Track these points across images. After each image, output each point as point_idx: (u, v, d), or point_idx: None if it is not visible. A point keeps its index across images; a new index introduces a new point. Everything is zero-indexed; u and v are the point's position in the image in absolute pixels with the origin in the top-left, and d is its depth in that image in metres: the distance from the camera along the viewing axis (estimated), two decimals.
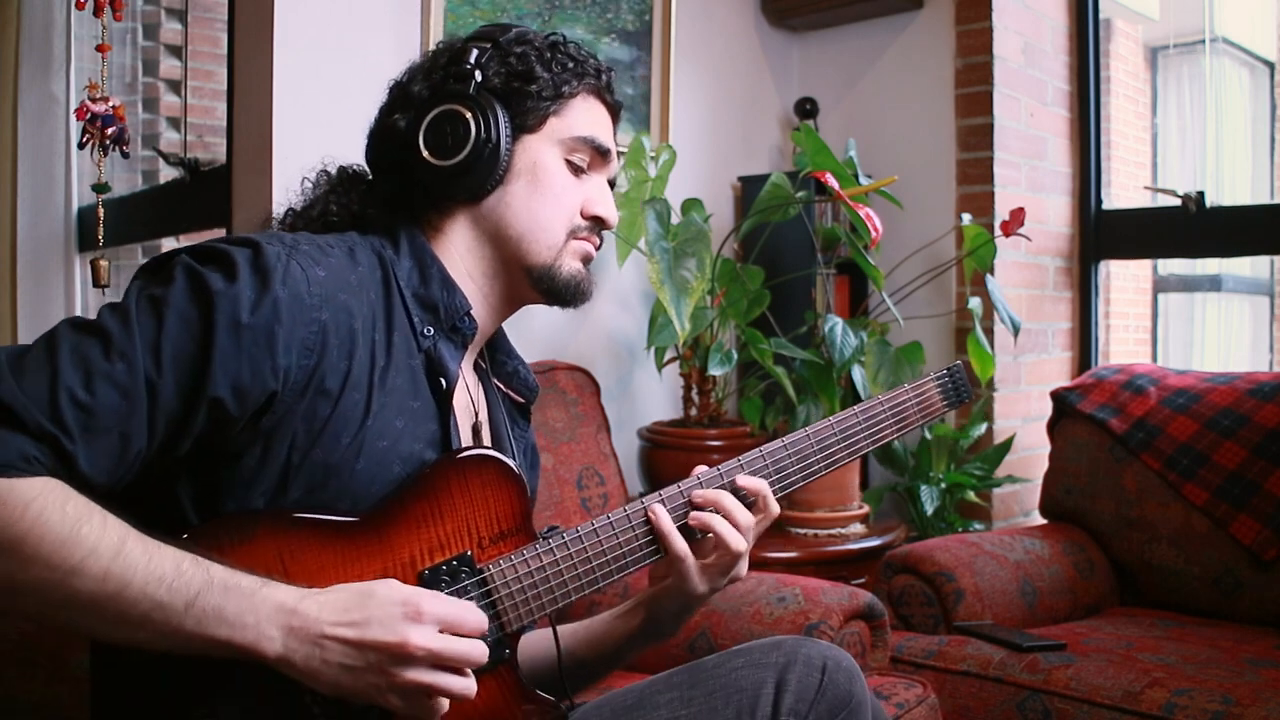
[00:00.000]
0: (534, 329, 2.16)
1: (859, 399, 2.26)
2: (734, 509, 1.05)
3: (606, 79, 1.12)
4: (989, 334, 2.44)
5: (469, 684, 0.88)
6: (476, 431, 1.10)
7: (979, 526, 2.51)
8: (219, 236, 0.96)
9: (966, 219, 2.44)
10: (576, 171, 1.09)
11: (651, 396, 2.50)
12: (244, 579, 0.84)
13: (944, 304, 2.63)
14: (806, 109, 2.79)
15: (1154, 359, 3.66)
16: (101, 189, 2.11)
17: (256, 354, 0.87)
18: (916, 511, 2.46)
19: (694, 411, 2.32)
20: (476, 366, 1.16)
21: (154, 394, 0.85)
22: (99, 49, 2.08)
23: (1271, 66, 3.73)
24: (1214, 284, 3.64)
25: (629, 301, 2.45)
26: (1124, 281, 3.62)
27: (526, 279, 1.08)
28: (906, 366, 2.27)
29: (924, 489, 2.42)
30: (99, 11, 2.02)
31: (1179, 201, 2.52)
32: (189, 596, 0.81)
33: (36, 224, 2.71)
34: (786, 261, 2.50)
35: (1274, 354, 3.72)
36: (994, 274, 2.43)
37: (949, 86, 2.65)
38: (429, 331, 1.02)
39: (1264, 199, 3.60)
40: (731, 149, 2.73)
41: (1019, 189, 2.64)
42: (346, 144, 1.17)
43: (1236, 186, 3.56)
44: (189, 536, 0.86)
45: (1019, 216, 2.26)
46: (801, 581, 1.66)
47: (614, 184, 1.16)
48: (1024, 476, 2.58)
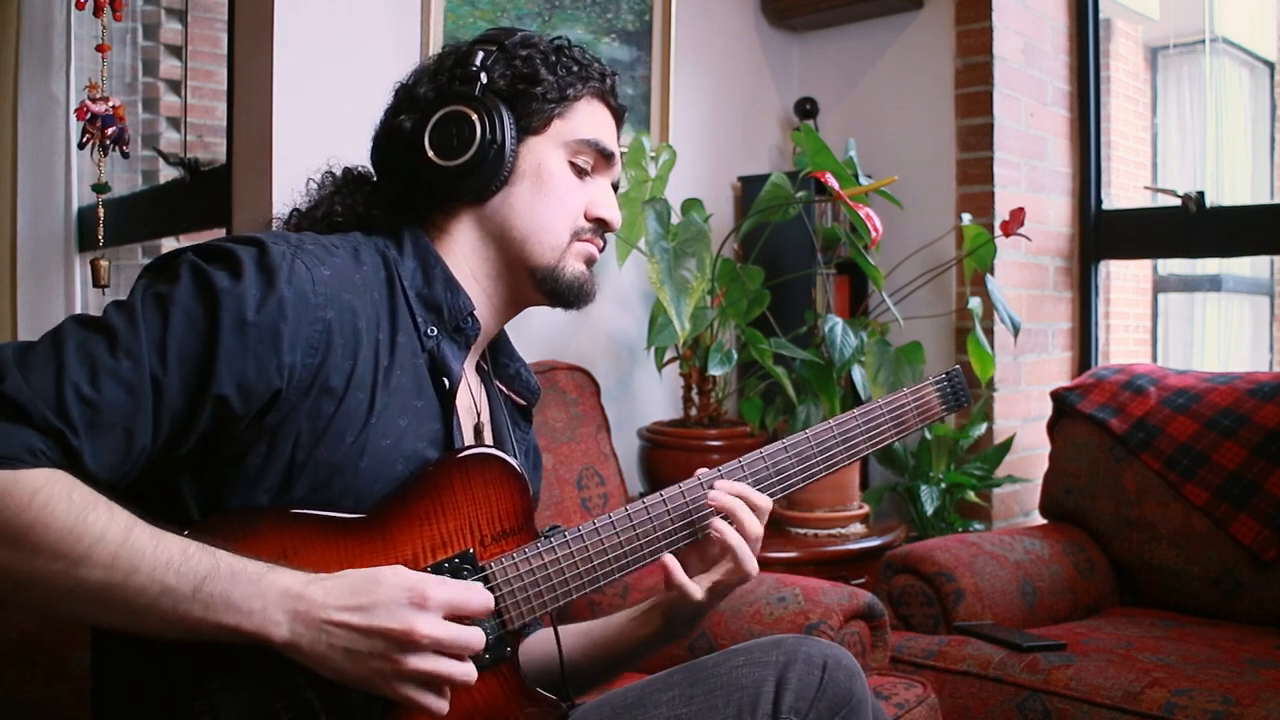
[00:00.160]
0: (534, 329, 2.16)
1: (859, 399, 2.26)
2: (740, 514, 1.05)
3: (610, 82, 1.13)
4: (989, 334, 2.44)
5: (470, 670, 0.89)
6: (479, 432, 1.11)
7: (979, 526, 2.51)
8: (223, 235, 0.96)
9: (966, 219, 2.44)
10: (580, 174, 1.10)
11: (651, 396, 2.50)
12: (250, 564, 0.85)
13: (944, 304, 2.63)
14: (806, 109, 2.79)
15: (1154, 359, 3.66)
16: (101, 189, 2.11)
17: (261, 352, 0.88)
18: (916, 511, 2.46)
19: (694, 411, 2.32)
20: (478, 368, 1.16)
21: (159, 391, 0.85)
22: (99, 49, 2.08)
23: (1271, 66, 3.73)
24: (1214, 284, 3.63)
25: (629, 301, 2.45)
26: (1124, 281, 3.62)
27: (530, 280, 1.09)
28: (906, 366, 2.27)
29: (924, 489, 2.42)
30: (99, 11, 2.02)
31: (1179, 201, 2.52)
32: (196, 581, 0.82)
33: (36, 224, 2.71)
34: (786, 261, 2.50)
35: (1274, 354, 3.72)
36: (994, 274, 2.42)
37: (949, 86, 2.65)
38: (432, 332, 1.02)
39: (1264, 199, 3.60)
40: (731, 149, 2.73)
41: (1019, 189, 2.64)
42: (347, 144, 1.17)
43: (1236, 186, 3.56)
44: (190, 532, 0.86)
45: (1019, 216, 2.26)
46: (801, 581, 1.66)
47: (617, 187, 1.17)
48: (1024, 476, 2.58)
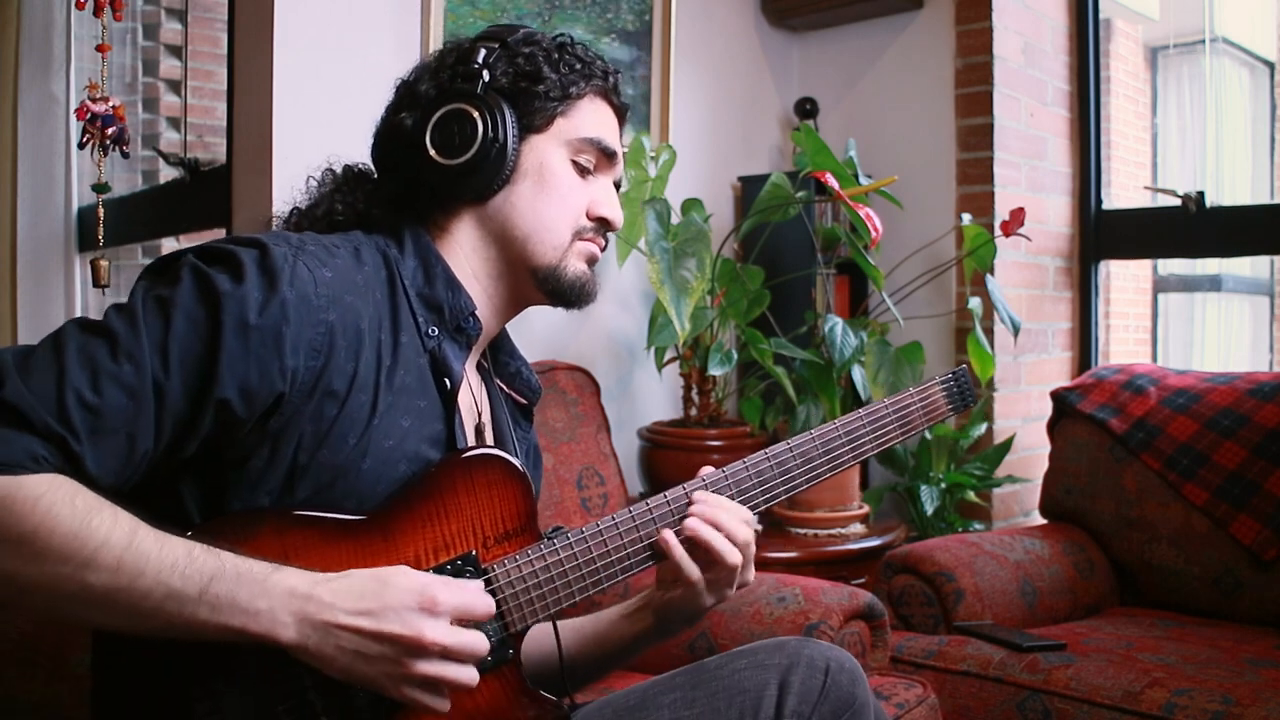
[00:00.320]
0: (534, 329, 2.16)
1: (859, 399, 2.26)
2: (726, 525, 1.03)
3: (613, 80, 1.12)
4: (989, 334, 2.44)
5: (473, 674, 0.89)
6: (480, 432, 1.10)
7: (979, 526, 2.51)
8: (224, 236, 0.95)
9: (966, 219, 2.44)
10: (582, 173, 1.09)
11: (651, 396, 2.50)
12: (256, 565, 0.84)
13: (944, 304, 2.63)
14: (806, 109, 2.79)
15: (1154, 359, 3.66)
16: (101, 189, 2.11)
17: (264, 355, 0.87)
18: (916, 511, 2.46)
19: (694, 411, 2.32)
20: (479, 367, 1.15)
21: (161, 395, 0.85)
22: (99, 49, 2.08)
23: (1271, 66, 3.73)
24: (1214, 284, 3.63)
25: (629, 301, 2.45)
26: (1124, 281, 3.62)
27: (531, 280, 1.08)
28: (906, 366, 2.27)
29: (924, 489, 2.42)
30: (99, 11, 2.02)
31: (1179, 201, 2.52)
32: (202, 583, 0.82)
33: (36, 224, 2.71)
34: (786, 261, 2.50)
35: (1274, 354, 3.72)
36: (994, 274, 2.42)
37: (949, 86, 2.65)
38: (433, 332, 1.02)
39: (1264, 199, 3.60)
40: (731, 149, 2.72)
41: (1019, 189, 2.64)
42: (347, 144, 1.17)
43: (1236, 186, 3.55)
44: (192, 535, 0.86)
45: (1019, 216, 2.26)
46: (801, 581, 1.66)
47: (619, 185, 1.16)
48: (1024, 476, 2.58)
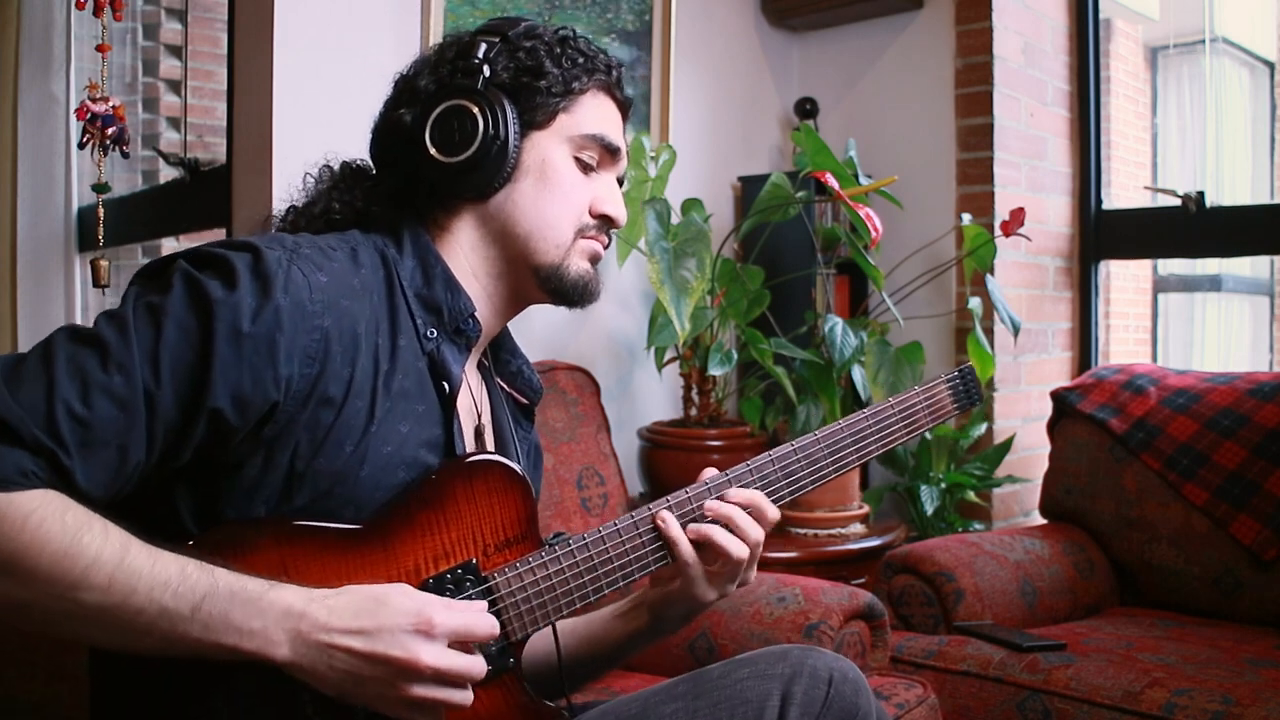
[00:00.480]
0: (534, 329, 2.16)
1: (859, 399, 2.26)
2: (739, 521, 1.03)
3: (617, 75, 1.10)
4: (989, 334, 2.44)
5: (467, 696, 0.88)
6: (479, 434, 1.08)
7: (979, 526, 2.51)
8: (217, 240, 0.94)
9: (966, 219, 2.44)
10: (585, 169, 1.07)
11: (651, 396, 2.50)
12: (250, 582, 0.83)
13: (944, 304, 2.63)
14: (806, 109, 2.79)
15: (1154, 359, 3.66)
16: (101, 189, 2.11)
17: (258, 364, 0.86)
18: (916, 511, 2.46)
19: (694, 411, 2.32)
20: (479, 365, 1.13)
21: (152, 406, 0.83)
22: (99, 49, 2.09)
23: (1271, 66, 3.73)
24: (1214, 284, 3.63)
25: (629, 301, 2.45)
26: (1124, 281, 3.62)
27: (533, 279, 1.06)
28: (906, 366, 2.27)
29: (924, 489, 2.42)
30: (99, 11, 2.02)
31: (1179, 201, 2.52)
32: (195, 601, 0.80)
33: (36, 224, 2.70)
34: (786, 261, 2.50)
35: (1274, 354, 3.72)
36: (994, 274, 2.42)
37: (949, 86, 2.65)
38: (432, 334, 1.00)
39: (1264, 199, 3.60)
40: (731, 149, 2.72)
41: (1019, 189, 2.64)
42: (347, 144, 1.17)
43: (1236, 186, 3.56)
44: (189, 547, 0.85)
45: (1019, 216, 2.26)
46: (801, 581, 1.66)
47: (622, 181, 1.13)
48: (1024, 476, 2.58)
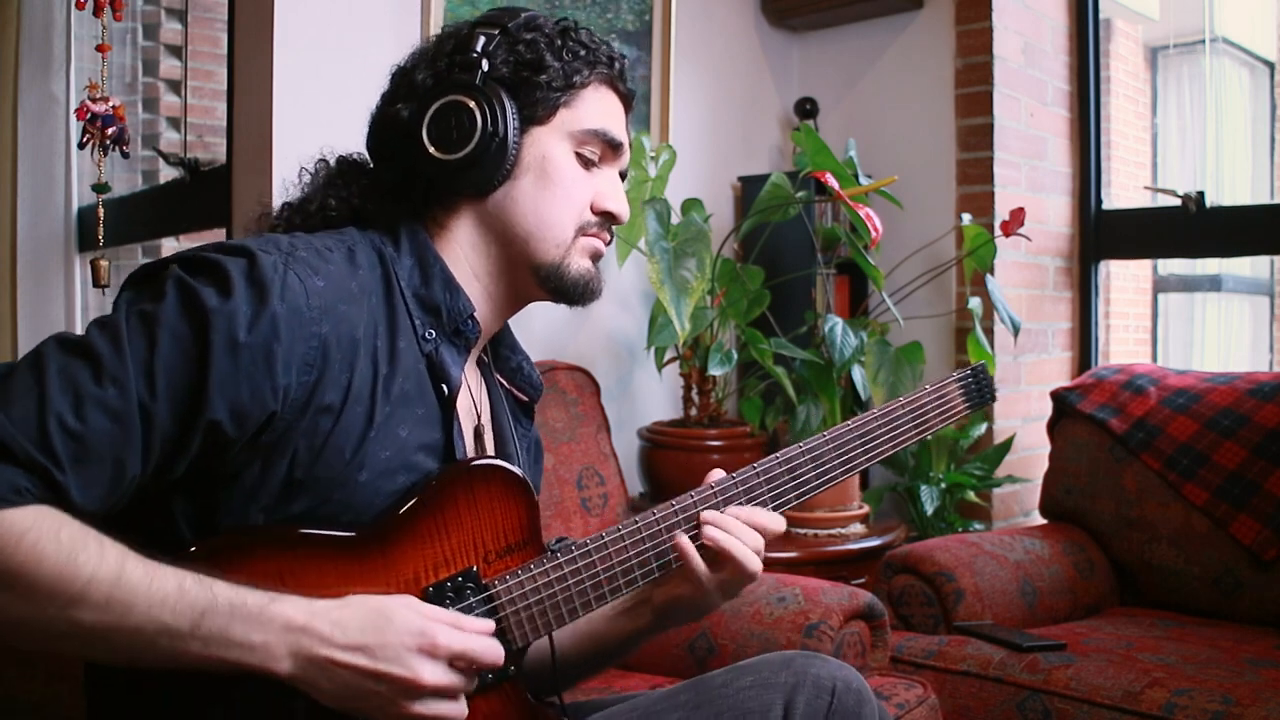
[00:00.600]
0: (534, 329, 2.16)
1: (859, 399, 2.27)
2: (745, 533, 1.01)
3: (619, 67, 1.06)
4: (989, 334, 2.44)
5: (462, 709, 0.88)
6: (479, 434, 1.07)
7: (979, 526, 2.51)
8: (211, 243, 0.92)
9: (966, 219, 2.44)
10: (587, 165, 1.04)
11: (651, 396, 2.50)
12: (250, 595, 0.82)
13: (944, 304, 2.63)
14: (806, 109, 2.79)
15: (1154, 359, 3.66)
16: (101, 189, 2.11)
17: (255, 374, 0.84)
18: (916, 511, 2.46)
19: (694, 411, 2.32)
20: (479, 361, 1.11)
21: (148, 419, 0.81)
22: (99, 49, 2.09)
23: (1271, 66, 3.73)
24: (1214, 284, 3.63)
25: (629, 301, 2.45)
26: (1124, 281, 3.62)
27: (534, 278, 1.03)
28: (906, 366, 2.27)
29: (924, 489, 2.42)
30: (99, 11, 2.02)
31: (1179, 201, 2.52)
32: (194, 617, 0.79)
33: (36, 224, 2.71)
34: (786, 261, 2.50)
35: (1274, 354, 3.72)
36: (994, 274, 2.42)
37: (949, 86, 2.65)
38: (430, 335, 0.97)
39: (1264, 199, 3.60)
40: (731, 149, 2.72)
41: (1019, 189, 2.64)
42: (347, 144, 1.16)
43: (1236, 186, 3.56)
44: (188, 554, 0.84)
45: (1019, 216, 2.26)
46: (801, 581, 1.66)
47: (625, 176, 1.10)
48: (1024, 476, 2.58)
